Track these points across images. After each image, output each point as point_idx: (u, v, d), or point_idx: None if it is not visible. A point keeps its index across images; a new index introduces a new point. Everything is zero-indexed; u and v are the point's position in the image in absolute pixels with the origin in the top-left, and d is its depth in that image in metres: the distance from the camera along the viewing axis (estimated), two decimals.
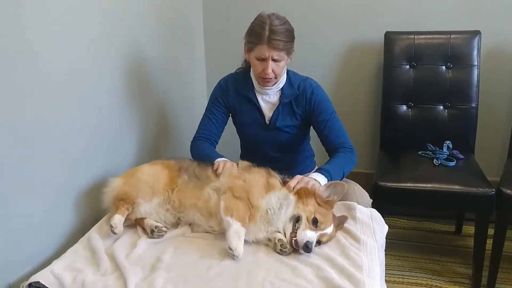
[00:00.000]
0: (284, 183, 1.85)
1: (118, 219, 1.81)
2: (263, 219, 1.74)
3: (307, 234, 1.66)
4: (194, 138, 2.26)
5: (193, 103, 3.13)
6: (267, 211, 1.75)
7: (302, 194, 1.77)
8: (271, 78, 2.07)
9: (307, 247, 1.63)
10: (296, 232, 1.68)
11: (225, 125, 2.31)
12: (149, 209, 1.88)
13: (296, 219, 1.72)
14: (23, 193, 1.74)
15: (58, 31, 1.84)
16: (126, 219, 1.86)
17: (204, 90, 3.29)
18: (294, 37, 2.06)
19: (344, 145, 2.14)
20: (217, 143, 2.28)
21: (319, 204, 1.75)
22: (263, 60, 2.01)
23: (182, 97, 2.99)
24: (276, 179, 1.86)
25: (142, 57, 2.45)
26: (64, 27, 1.87)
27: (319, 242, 1.70)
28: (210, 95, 2.31)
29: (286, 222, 1.73)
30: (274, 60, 2.00)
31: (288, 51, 2.04)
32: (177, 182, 1.93)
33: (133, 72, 2.38)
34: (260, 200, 1.75)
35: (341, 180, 1.99)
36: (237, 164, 1.98)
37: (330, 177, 1.94)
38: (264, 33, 1.96)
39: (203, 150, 2.16)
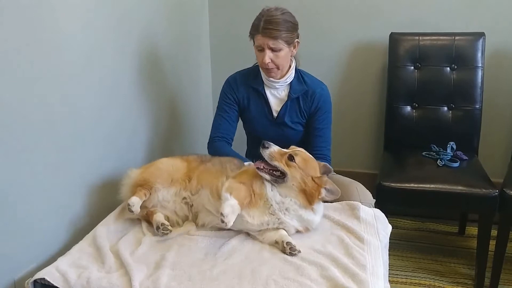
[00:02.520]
0: None
1: (135, 200, 1.81)
2: (266, 206, 1.76)
3: None
4: (210, 139, 2.29)
5: (199, 102, 3.16)
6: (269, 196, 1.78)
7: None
8: (272, 68, 2.11)
9: (263, 143, 1.79)
10: None
11: (237, 121, 2.34)
12: (167, 196, 1.90)
13: None
14: (29, 190, 1.75)
15: (78, 28, 1.90)
16: (142, 207, 1.85)
17: (209, 89, 3.31)
18: (295, 29, 2.11)
19: (327, 158, 2.21)
20: (232, 140, 2.32)
21: None
22: (262, 50, 2.08)
23: (190, 95, 3.02)
24: None
25: (151, 58, 2.48)
26: (82, 29, 1.91)
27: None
28: (220, 93, 2.33)
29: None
30: (271, 49, 2.06)
31: (287, 41, 2.08)
32: (197, 171, 1.96)
33: (143, 70, 2.40)
34: (262, 186, 1.78)
35: None
36: None
37: None
38: (260, 23, 2.05)
39: (224, 153, 2.16)
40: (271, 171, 1.77)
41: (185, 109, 2.96)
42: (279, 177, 1.77)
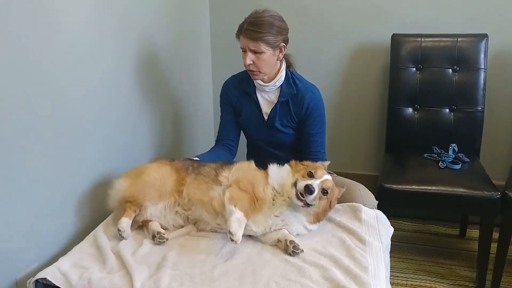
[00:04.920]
0: None
1: (125, 223, 1.79)
2: (271, 210, 1.76)
3: (307, 181, 1.73)
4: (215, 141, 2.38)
5: (200, 102, 3.16)
6: (273, 189, 1.80)
7: (293, 164, 1.88)
8: (254, 71, 2.09)
9: (308, 188, 1.70)
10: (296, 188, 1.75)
11: (237, 123, 2.35)
12: (156, 212, 1.87)
13: (295, 183, 1.77)
14: (31, 189, 1.75)
15: (78, 29, 1.90)
16: (134, 221, 1.85)
17: (210, 89, 3.31)
18: (280, 33, 2.06)
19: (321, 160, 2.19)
20: (233, 142, 2.36)
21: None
22: (245, 51, 2.07)
23: (191, 95, 3.02)
24: (272, 168, 1.91)
25: (151, 58, 2.47)
26: (85, 26, 1.93)
27: (325, 191, 1.77)
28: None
29: (289, 189, 1.78)
30: (253, 51, 2.04)
31: (270, 44, 2.04)
32: (185, 181, 1.92)
33: (144, 71, 2.40)
34: (265, 190, 1.78)
35: None
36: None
37: None
38: (243, 25, 2.05)
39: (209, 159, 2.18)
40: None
41: (185, 109, 2.96)
42: (307, 204, 1.76)
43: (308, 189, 1.70)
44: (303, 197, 1.72)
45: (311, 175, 1.78)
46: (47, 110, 1.78)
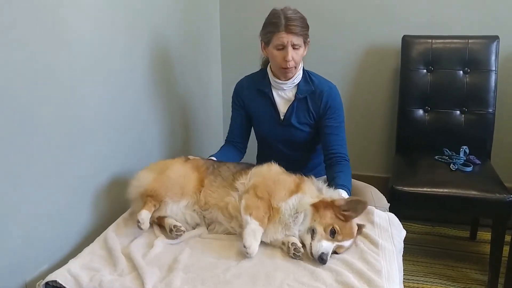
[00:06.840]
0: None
1: (145, 215, 1.78)
2: (282, 222, 1.72)
3: (323, 245, 1.63)
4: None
5: (209, 101, 3.16)
6: (284, 213, 1.72)
7: (320, 206, 1.71)
8: (291, 68, 2.08)
9: (321, 259, 1.61)
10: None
11: (247, 124, 2.35)
12: (176, 209, 1.86)
13: (313, 231, 1.68)
14: (41, 190, 1.74)
15: (88, 26, 1.90)
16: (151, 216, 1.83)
17: (220, 88, 3.31)
18: (308, 26, 2.10)
19: (345, 157, 2.16)
20: (241, 143, 2.36)
21: (337, 216, 1.69)
22: (282, 48, 2.04)
23: (200, 95, 3.02)
24: (309, 185, 1.81)
25: (161, 58, 2.47)
26: (94, 23, 1.92)
27: (335, 253, 1.67)
28: None
29: (304, 232, 1.70)
30: (293, 46, 2.04)
31: (305, 38, 2.08)
32: (204, 182, 1.92)
33: (154, 69, 2.40)
34: (280, 203, 1.73)
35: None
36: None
37: (349, 193, 1.97)
38: (280, 21, 2.02)
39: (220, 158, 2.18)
40: None
41: (195, 109, 2.95)
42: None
43: (322, 260, 1.61)
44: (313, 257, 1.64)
45: (332, 233, 1.66)
46: (53, 109, 1.76)
